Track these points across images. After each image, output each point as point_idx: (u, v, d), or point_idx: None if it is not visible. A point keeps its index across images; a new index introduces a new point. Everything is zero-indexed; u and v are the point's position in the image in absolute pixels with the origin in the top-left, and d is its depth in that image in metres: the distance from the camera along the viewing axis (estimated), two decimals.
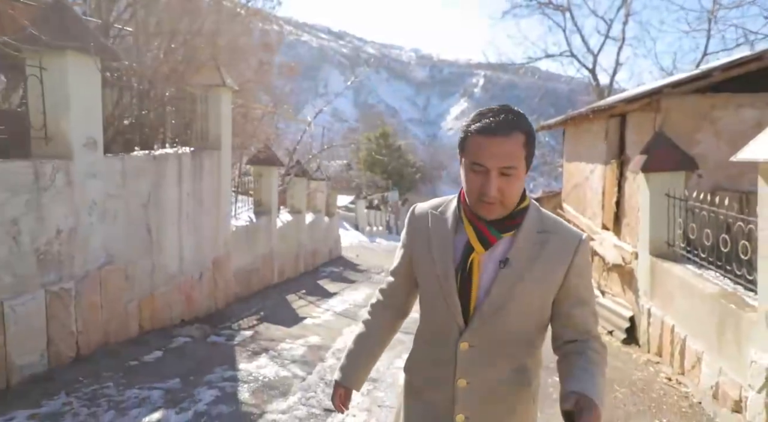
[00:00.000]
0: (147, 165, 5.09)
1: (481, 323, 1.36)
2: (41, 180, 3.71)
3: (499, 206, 1.31)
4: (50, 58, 3.84)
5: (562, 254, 1.37)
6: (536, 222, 1.39)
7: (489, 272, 1.36)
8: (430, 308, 1.45)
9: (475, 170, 1.30)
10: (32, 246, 3.64)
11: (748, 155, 3.43)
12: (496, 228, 1.35)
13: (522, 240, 1.37)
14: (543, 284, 1.37)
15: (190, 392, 3.70)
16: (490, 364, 1.38)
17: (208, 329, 5.59)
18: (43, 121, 3.90)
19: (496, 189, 1.28)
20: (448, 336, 1.39)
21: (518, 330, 1.38)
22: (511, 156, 1.27)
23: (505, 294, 1.34)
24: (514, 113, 1.30)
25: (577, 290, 1.39)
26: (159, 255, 5.31)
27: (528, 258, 1.36)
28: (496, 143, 1.26)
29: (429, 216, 1.47)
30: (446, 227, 1.43)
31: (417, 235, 1.48)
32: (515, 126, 1.28)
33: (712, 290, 4.38)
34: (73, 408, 3.28)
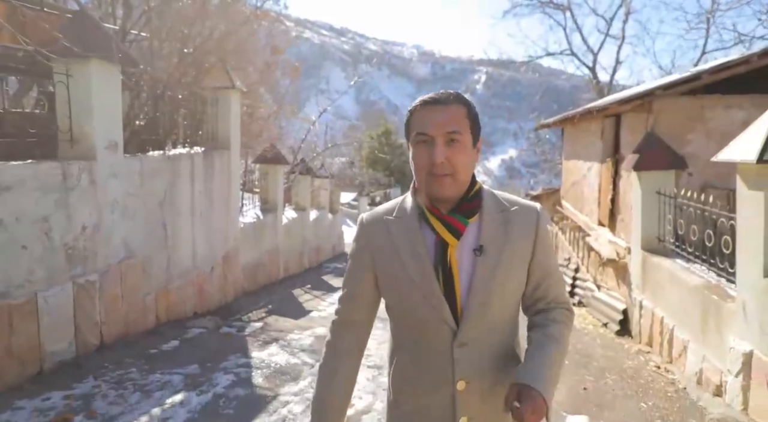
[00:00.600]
0: (162, 165, 5.37)
1: (472, 318, 1.30)
2: (68, 180, 3.98)
3: (450, 179, 1.27)
4: (76, 65, 4.10)
5: (526, 229, 1.35)
6: (494, 202, 1.36)
7: (466, 263, 1.31)
8: (412, 316, 1.34)
9: (421, 141, 1.28)
10: (61, 242, 3.91)
11: (727, 156, 3.68)
12: (460, 214, 1.30)
13: (488, 223, 1.33)
14: (517, 264, 1.34)
15: (208, 376, 3.98)
16: (484, 357, 1.33)
17: (219, 321, 5.87)
18: (69, 124, 4.17)
19: (444, 156, 1.24)
20: (440, 339, 1.31)
21: (503, 315, 1.35)
22: (455, 122, 1.26)
23: (488, 283, 1.30)
24: (454, 92, 1.32)
25: (544, 260, 1.38)
26: (173, 251, 5.58)
27: (498, 240, 1.32)
28: (437, 111, 1.27)
29: (385, 222, 1.38)
30: (410, 227, 1.34)
31: (376, 246, 1.37)
32: (456, 97, 1.30)
33: (697, 283, 4.64)
34: (102, 391, 3.56)
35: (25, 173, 3.58)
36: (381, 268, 1.37)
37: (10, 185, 3.44)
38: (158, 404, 3.42)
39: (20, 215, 3.53)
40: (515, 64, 21.34)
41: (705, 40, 14.95)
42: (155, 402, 3.45)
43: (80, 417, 3.15)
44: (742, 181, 3.70)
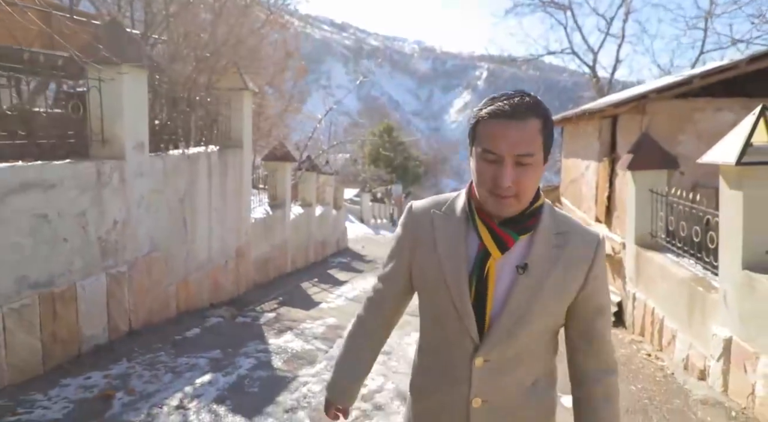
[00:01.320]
0: (182, 164, 5.69)
1: (499, 336, 1.22)
2: (102, 178, 4.30)
3: (514, 200, 1.17)
4: (108, 71, 4.42)
5: (582, 257, 1.25)
6: (553, 222, 1.26)
7: (505, 279, 1.23)
8: (437, 320, 1.30)
9: (488, 159, 1.16)
10: (96, 235, 4.24)
11: (710, 158, 4.00)
12: (513, 229, 1.22)
13: (540, 243, 1.23)
14: (563, 291, 1.24)
15: (231, 360, 4.31)
16: (507, 380, 1.26)
17: (235, 311, 6.20)
18: (101, 126, 4.49)
19: (511, 180, 1.14)
20: (461, 351, 1.25)
21: (537, 340, 1.26)
22: (527, 142, 1.13)
23: (524, 304, 1.21)
24: (531, 97, 1.18)
25: (596, 295, 1.27)
26: (192, 244, 5.91)
27: (547, 263, 1.23)
28: (511, 128, 1.13)
29: (432, 216, 1.31)
30: (455, 228, 1.27)
31: (418, 237, 1.32)
32: (532, 110, 1.15)
33: (685, 275, 4.97)
34: (136, 371, 3.90)
35: (66, 172, 3.90)
36: (417, 262, 1.32)
37: (54, 183, 3.76)
38: (189, 383, 3.76)
39: (62, 211, 3.85)
40: (517, 63, 21.60)
41: (703, 40, 15.24)
42: (186, 382, 3.78)
43: (121, 393, 3.48)
44: (724, 181, 4.02)
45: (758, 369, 3.58)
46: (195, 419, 3.20)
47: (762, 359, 3.55)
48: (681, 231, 5.21)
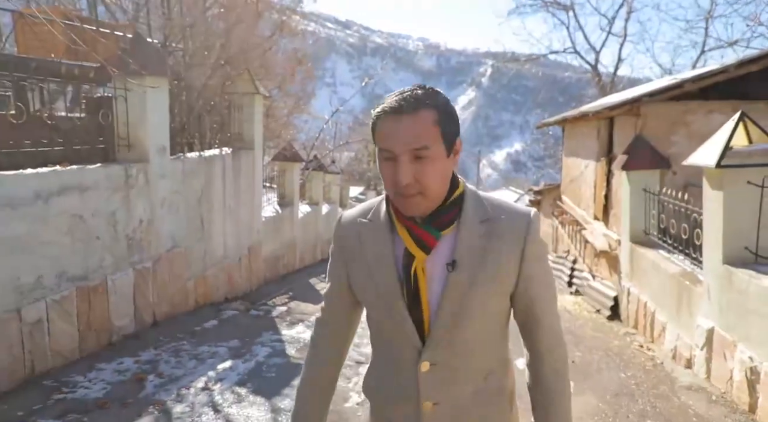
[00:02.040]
0: (199, 165, 6.02)
1: (439, 338, 1.19)
2: (129, 180, 4.64)
3: (420, 198, 1.13)
4: (133, 81, 4.75)
5: (513, 241, 1.19)
6: (478, 211, 1.20)
7: (437, 279, 1.18)
8: (379, 329, 1.29)
9: (385, 157, 1.13)
10: (124, 233, 4.59)
11: (694, 161, 4.30)
12: (434, 226, 1.17)
13: (465, 235, 1.18)
14: (499, 281, 1.19)
15: (249, 348, 4.65)
16: (456, 380, 1.23)
17: (248, 305, 6.54)
18: (126, 131, 4.83)
19: (410, 176, 1.10)
20: (405, 357, 1.23)
21: (480, 335, 1.22)
22: (419, 136, 1.09)
23: (459, 302, 1.17)
24: (423, 89, 1.14)
25: (535, 277, 1.23)
26: (209, 242, 6.26)
27: (476, 254, 1.18)
28: (401, 123, 1.09)
29: (359, 225, 1.27)
30: (380, 236, 1.23)
31: (349, 250, 1.28)
32: (422, 102, 1.11)
33: (674, 271, 5.27)
34: (163, 358, 4.24)
35: (99, 175, 4.24)
36: (351, 274, 1.29)
37: (89, 186, 4.10)
38: (212, 368, 4.10)
39: (95, 211, 4.20)
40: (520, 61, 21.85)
41: (704, 40, 15.46)
42: (209, 367, 4.12)
43: (152, 376, 3.83)
44: (707, 182, 4.32)
45: (736, 356, 3.88)
46: (220, 399, 3.54)
47: (739, 346, 3.85)
48: (671, 229, 5.51)
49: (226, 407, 3.40)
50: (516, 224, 1.20)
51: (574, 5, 18.32)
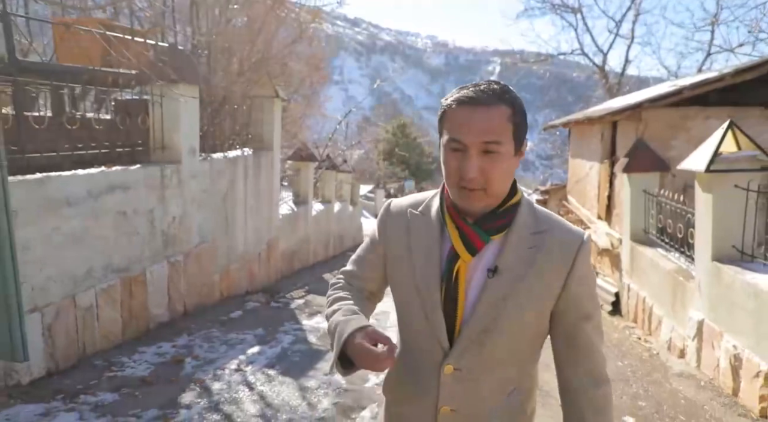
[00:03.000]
0: (225, 166, 6.42)
1: (469, 343, 1.16)
2: (164, 180, 5.05)
3: (482, 193, 1.11)
4: (167, 88, 5.15)
5: (561, 259, 1.16)
6: (530, 221, 1.18)
7: (476, 282, 1.17)
8: (408, 323, 1.25)
9: (454, 148, 1.11)
10: (160, 229, 4.99)
11: (686, 166, 4.64)
12: (484, 229, 1.16)
13: (513, 244, 1.16)
14: (539, 295, 1.16)
15: (273, 336, 5.05)
16: (478, 390, 1.19)
17: (269, 297, 6.94)
18: (161, 135, 5.23)
19: (477, 170, 1.08)
20: (430, 357, 1.20)
21: (511, 348, 1.19)
22: (493, 130, 1.08)
23: (494, 309, 1.14)
24: (499, 84, 1.12)
25: (579, 301, 1.18)
26: (232, 238, 6.66)
27: (521, 265, 1.15)
28: (475, 114, 1.08)
29: (409, 216, 1.26)
30: (429, 230, 1.22)
31: (394, 237, 1.27)
32: (499, 96, 1.09)
33: (670, 267, 5.61)
34: (197, 343, 4.65)
35: (140, 175, 4.65)
36: (390, 262, 1.28)
37: (131, 185, 4.51)
38: (242, 353, 4.49)
39: (136, 208, 4.61)
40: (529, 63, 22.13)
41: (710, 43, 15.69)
42: (239, 352, 4.52)
43: (189, 359, 4.23)
44: (698, 185, 4.66)
45: (722, 345, 4.23)
46: (252, 378, 3.93)
47: (725, 336, 4.20)
48: (668, 228, 5.84)
49: (258, 385, 3.80)
50: (568, 242, 1.17)
51: (581, 8, 18.60)
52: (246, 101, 7.55)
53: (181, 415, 3.21)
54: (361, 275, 1.36)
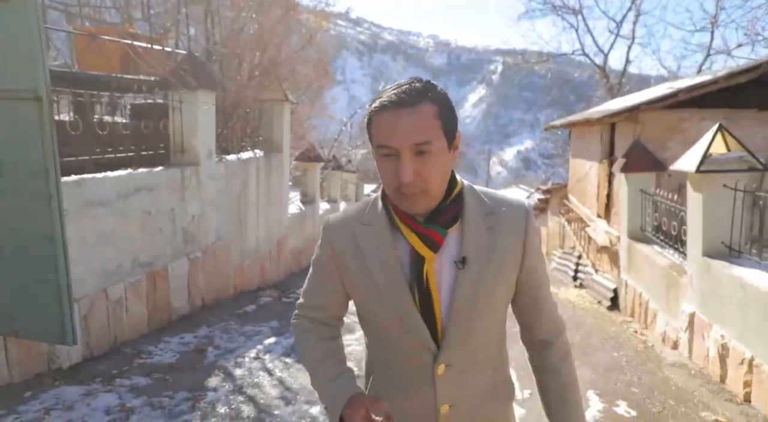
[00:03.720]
0: (238, 167, 6.72)
1: (455, 339, 1.17)
2: (185, 181, 5.34)
3: (422, 195, 1.09)
4: (187, 94, 5.44)
5: (515, 232, 1.20)
6: (478, 205, 1.20)
7: (446, 277, 1.17)
8: (385, 335, 1.23)
9: (385, 154, 1.08)
10: (180, 227, 5.28)
11: (678, 167, 4.90)
12: (438, 224, 1.15)
13: (472, 231, 1.17)
14: (505, 274, 1.19)
15: (287, 328, 5.33)
16: (470, 378, 1.22)
17: (280, 293, 7.24)
18: (181, 138, 5.52)
19: (413, 173, 1.06)
20: (418, 361, 1.19)
21: (490, 332, 1.23)
22: (421, 130, 1.05)
23: (471, 299, 1.16)
24: (421, 82, 1.10)
25: (535, 265, 1.23)
26: (245, 236, 6.95)
27: (484, 249, 1.17)
28: (401, 117, 1.05)
29: (355, 230, 1.22)
30: (381, 239, 1.19)
31: (344, 256, 1.22)
32: (422, 95, 1.07)
33: (665, 263, 5.87)
34: (216, 334, 4.94)
35: (163, 176, 4.94)
36: (349, 282, 1.24)
37: (155, 186, 4.80)
38: (259, 343, 4.78)
39: (159, 208, 4.90)
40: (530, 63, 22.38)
41: (710, 42, 15.93)
42: (257, 342, 4.81)
43: (210, 348, 4.52)
44: (690, 185, 4.92)
45: (711, 336, 4.49)
46: (271, 365, 4.22)
47: (714, 327, 4.47)
48: (663, 226, 6.11)
49: (277, 372, 4.08)
50: (516, 216, 1.21)
51: (582, 9, 18.83)
52: (257, 105, 7.84)
53: (209, 397, 3.50)
54: (321, 304, 1.32)
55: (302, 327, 1.34)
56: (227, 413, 3.27)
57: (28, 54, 2.67)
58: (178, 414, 3.18)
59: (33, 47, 2.65)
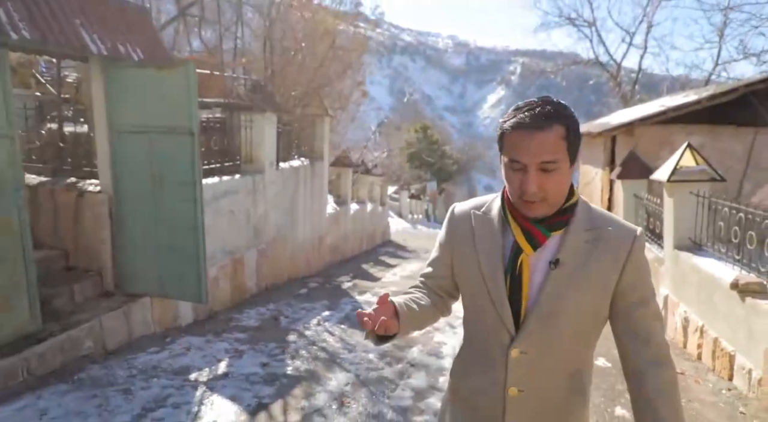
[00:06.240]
0: (290, 174, 8.01)
1: (534, 328, 1.27)
2: (255, 186, 6.64)
3: (541, 204, 1.22)
4: (255, 115, 6.74)
5: (616, 252, 1.26)
6: (586, 219, 1.28)
7: (539, 274, 1.27)
8: (477, 313, 1.36)
9: (514, 168, 1.21)
10: (251, 223, 6.58)
11: (656, 176, 6.04)
12: (545, 226, 1.26)
13: (572, 238, 1.27)
14: (597, 285, 1.25)
15: (336, 306, 6.59)
16: (543, 371, 1.29)
17: (324, 280, 8.51)
18: (249, 151, 6.83)
19: (537, 186, 1.19)
20: (498, 342, 1.31)
21: (572, 333, 1.28)
22: (549, 150, 1.17)
23: (557, 297, 1.25)
24: (552, 104, 1.20)
25: (634, 288, 1.27)
26: (295, 232, 8.24)
27: (580, 257, 1.25)
28: (532, 138, 1.17)
29: (472, 216, 1.38)
30: (492, 228, 1.33)
31: (459, 236, 1.39)
32: (553, 118, 1.18)
33: (650, 257, 6.99)
34: (282, 308, 6.22)
35: (241, 183, 6.24)
36: (457, 261, 1.40)
37: (235, 190, 6.10)
38: (317, 315, 6.04)
39: (238, 208, 6.20)
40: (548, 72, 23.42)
41: (718, 53, 16.79)
42: (315, 314, 6.07)
43: (282, 317, 5.80)
44: (665, 191, 6.05)
45: (678, 312, 5.63)
46: (331, 329, 5.47)
47: (680, 305, 5.60)
48: (651, 225, 7.22)
49: (337, 333, 5.34)
50: (622, 236, 1.27)
51: (596, 21, 19.82)
52: (303, 119, 9.14)
53: (291, 347, 4.76)
54: (436, 274, 1.47)
55: (414, 284, 1.52)
56: (307, 356, 4.52)
57: (185, 104, 3.99)
58: (274, 355, 4.45)
59: (189, 99, 3.97)
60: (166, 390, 3.57)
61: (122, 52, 4.00)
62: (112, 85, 4.19)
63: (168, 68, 3.96)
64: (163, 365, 4.01)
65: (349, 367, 4.30)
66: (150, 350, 4.30)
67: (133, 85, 4.14)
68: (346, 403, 3.60)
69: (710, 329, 4.84)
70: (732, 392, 4.16)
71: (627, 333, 1.28)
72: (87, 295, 4.47)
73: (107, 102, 4.25)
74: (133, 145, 4.25)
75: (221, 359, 4.26)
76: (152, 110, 4.09)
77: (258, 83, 6.93)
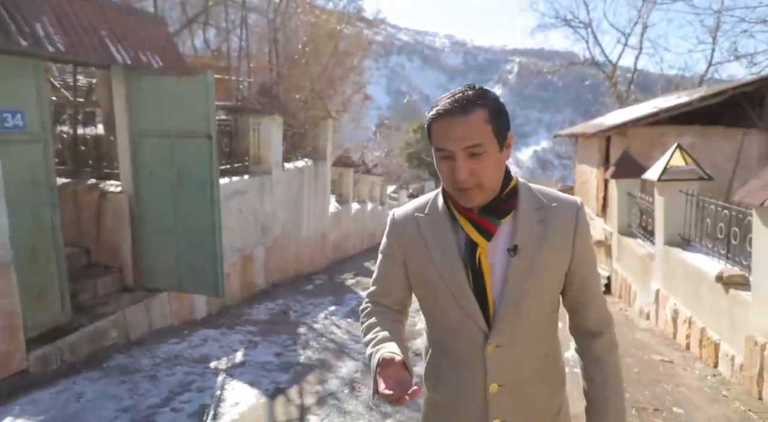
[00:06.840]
0: (295, 174, 8.28)
1: (505, 319, 1.26)
2: (263, 186, 6.90)
3: (477, 190, 1.21)
4: (263, 118, 7.00)
5: (566, 226, 1.28)
6: (532, 199, 1.30)
7: (499, 264, 1.26)
8: (442, 315, 1.33)
9: (442, 157, 1.21)
10: (259, 222, 6.85)
11: (647, 176, 6.32)
12: (493, 215, 1.25)
13: (523, 221, 1.27)
14: (555, 264, 1.28)
15: (342, 301, 6.86)
16: (520, 361, 1.29)
17: (328, 276, 8.79)
18: (258, 152, 7.09)
19: (467, 172, 1.18)
20: (469, 341, 1.29)
21: (540, 316, 1.30)
22: (473, 134, 1.17)
23: (522, 284, 1.25)
24: (473, 90, 1.21)
25: (585, 257, 1.31)
26: (300, 230, 8.51)
27: (535, 239, 1.26)
28: (454, 124, 1.17)
29: (416, 220, 1.34)
30: (441, 227, 1.31)
31: (409, 243, 1.34)
32: (473, 102, 1.18)
33: (643, 253, 7.28)
34: (290, 303, 6.49)
35: (249, 183, 6.51)
36: (412, 266, 1.35)
37: (245, 190, 6.37)
38: (324, 309, 6.31)
39: (247, 207, 6.46)
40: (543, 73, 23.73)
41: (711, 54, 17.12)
42: (322, 309, 6.34)
43: (291, 312, 6.07)
44: (656, 190, 6.34)
45: (668, 305, 5.91)
46: (338, 322, 5.75)
47: (670, 298, 5.88)
48: (643, 222, 7.51)
49: (344, 325, 5.61)
50: (568, 210, 1.30)
51: (592, 23, 20.13)
52: (307, 121, 9.41)
53: (302, 338, 5.04)
54: (388, 290, 1.43)
55: (368, 310, 1.45)
56: (318, 346, 4.80)
57: (204, 109, 4.25)
58: (287, 345, 4.72)
59: (207, 105, 4.24)
60: (189, 376, 3.84)
61: (144, 60, 4.26)
62: (133, 91, 4.45)
63: (188, 76, 4.23)
64: (185, 354, 4.27)
65: (357, 356, 4.57)
66: (171, 341, 4.56)
67: (153, 91, 4.40)
68: (357, 388, 3.87)
69: (698, 320, 5.12)
70: (717, 377, 4.45)
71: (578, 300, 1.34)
72: (108, 290, 4.74)
73: (129, 107, 4.51)
74: (153, 148, 4.51)
75: (237, 349, 4.53)
76: (172, 115, 4.35)
77: (265, 86, 7.19)
